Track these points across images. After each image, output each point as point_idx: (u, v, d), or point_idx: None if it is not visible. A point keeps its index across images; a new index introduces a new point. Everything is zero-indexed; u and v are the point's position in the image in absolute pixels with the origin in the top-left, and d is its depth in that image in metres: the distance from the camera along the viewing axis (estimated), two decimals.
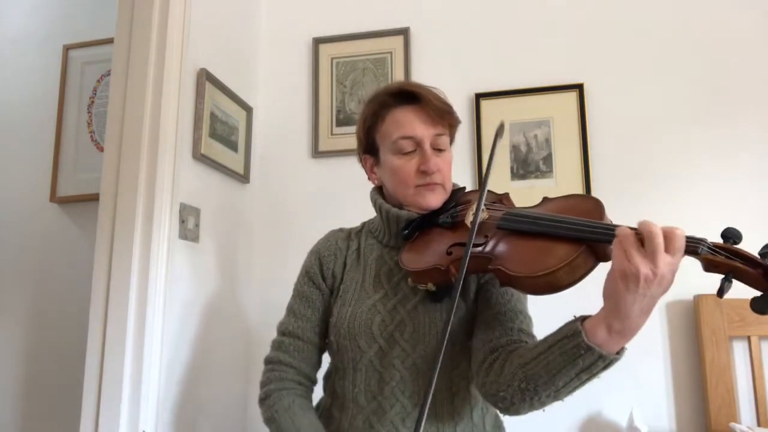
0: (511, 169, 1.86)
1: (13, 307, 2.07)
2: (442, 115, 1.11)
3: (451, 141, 1.19)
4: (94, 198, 1.69)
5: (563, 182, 1.82)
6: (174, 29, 1.54)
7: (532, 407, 0.92)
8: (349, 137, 1.97)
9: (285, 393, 1.15)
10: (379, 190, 1.22)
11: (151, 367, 1.40)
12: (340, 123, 2.00)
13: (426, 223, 1.12)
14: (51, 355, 1.99)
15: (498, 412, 1.14)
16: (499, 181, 1.85)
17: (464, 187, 1.21)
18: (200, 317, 1.62)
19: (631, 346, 1.39)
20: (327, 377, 1.25)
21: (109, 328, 1.40)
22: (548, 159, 1.84)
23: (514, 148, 1.87)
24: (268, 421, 1.14)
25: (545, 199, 1.05)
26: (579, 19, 1.91)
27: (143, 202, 1.45)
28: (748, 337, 1.60)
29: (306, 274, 1.23)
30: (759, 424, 1.56)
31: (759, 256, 0.79)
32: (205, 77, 1.65)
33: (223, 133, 1.78)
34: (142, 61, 1.51)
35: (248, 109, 1.95)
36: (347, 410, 1.13)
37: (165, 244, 1.46)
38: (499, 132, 1.02)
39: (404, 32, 2.00)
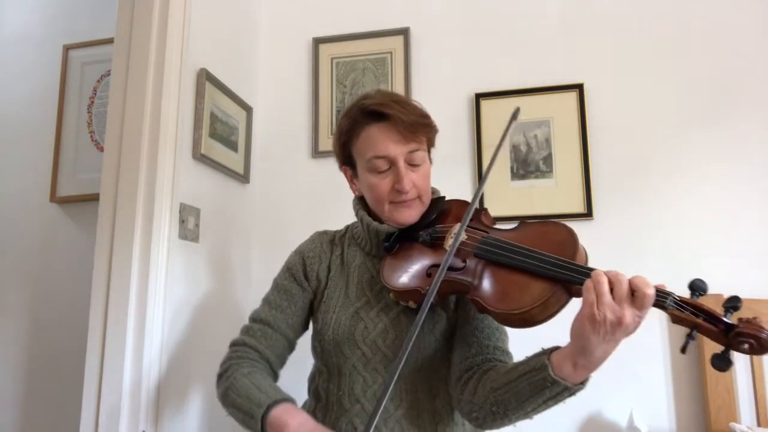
0: (511, 169, 1.86)
1: (13, 307, 2.07)
2: (414, 130, 1.10)
3: (430, 149, 1.20)
4: (94, 198, 1.70)
5: (563, 182, 1.82)
6: (174, 29, 1.54)
7: (503, 425, 0.98)
8: None
9: (245, 363, 1.15)
10: (362, 200, 1.23)
11: (151, 367, 1.40)
12: None
13: (406, 237, 1.14)
14: (51, 355, 2.00)
15: None
16: (499, 181, 1.85)
17: (444, 197, 1.22)
18: (200, 317, 1.62)
19: (632, 347, 1.40)
20: (311, 380, 1.26)
21: (109, 328, 1.40)
22: (548, 159, 1.84)
23: (514, 148, 1.87)
24: (225, 393, 1.11)
25: (522, 223, 1.06)
26: (579, 19, 1.91)
27: (143, 202, 1.45)
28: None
29: (288, 270, 1.24)
30: (759, 424, 1.56)
31: (722, 311, 0.83)
32: (205, 77, 1.65)
33: (223, 133, 1.78)
34: (142, 61, 1.51)
35: (248, 109, 1.95)
36: (331, 412, 1.15)
37: (165, 244, 1.46)
38: (515, 115, 1.05)
39: (404, 32, 2.00)
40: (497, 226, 1.10)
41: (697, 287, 0.86)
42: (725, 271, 1.68)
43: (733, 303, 0.83)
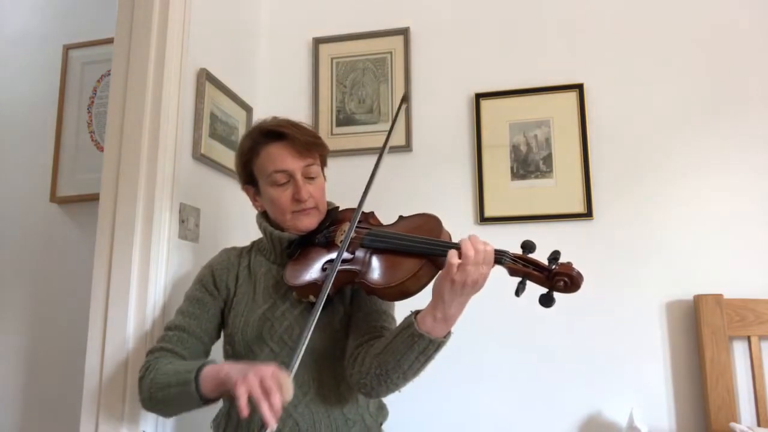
0: (511, 169, 1.86)
1: (13, 307, 2.07)
2: (308, 148, 1.26)
3: (323, 166, 1.35)
4: (94, 198, 1.69)
5: (563, 182, 1.82)
6: (174, 29, 1.54)
7: (388, 390, 1.10)
8: (349, 137, 1.98)
9: (163, 359, 1.19)
10: (264, 215, 1.35)
11: None
12: (340, 123, 2.00)
13: (305, 242, 1.27)
14: (51, 356, 1.99)
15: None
16: (499, 181, 1.85)
17: (338, 207, 1.36)
18: None
19: (631, 346, 1.41)
20: None
21: (109, 328, 1.40)
22: (548, 159, 1.84)
23: (514, 148, 1.87)
24: (150, 385, 1.15)
25: (400, 218, 1.25)
26: (579, 19, 1.91)
27: (143, 202, 1.45)
28: (748, 337, 1.60)
29: (199, 282, 1.33)
30: (759, 424, 1.56)
31: (547, 263, 1.00)
32: (205, 77, 1.65)
33: (223, 133, 1.78)
34: (142, 61, 1.51)
35: (248, 109, 1.95)
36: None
37: (165, 244, 1.46)
38: (404, 100, 1.19)
39: (404, 32, 2.00)
40: (382, 224, 1.26)
41: (528, 246, 1.02)
42: (725, 271, 1.68)
43: (554, 255, 1.00)
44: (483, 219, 1.84)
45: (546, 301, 0.99)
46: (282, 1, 2.15)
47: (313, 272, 1.19)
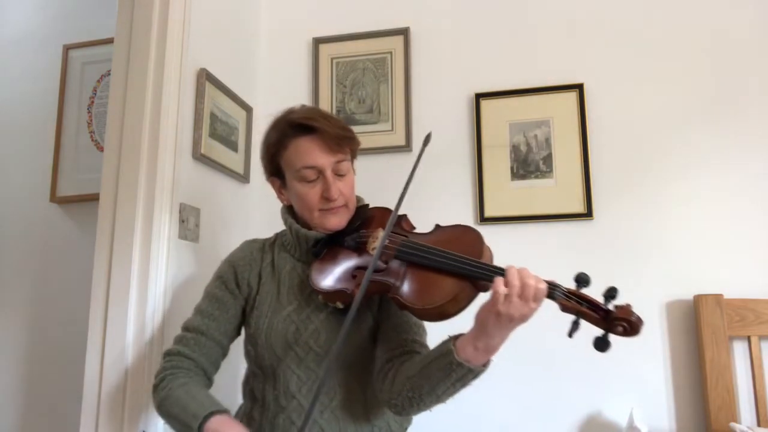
0: (511, 169, 1.86)
1: (13, 307, 2.07)
2: (339, 142, 1.18)
3: (353, 160, 1.27)
4: (94, 198, 1.69)
5: (563, 182, 1.82)
6: (174, 29, 1.54)
7: (419, 410, 1.07)
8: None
9: (180, 373, 1.17)
10: (290, 209, 1.29)
11: (151, 367, 1.40)
12: None
13: (333, 242, 1.22)
14: (51, 355, 1.99)
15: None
16: (499, 181, 1.85)
17: (368, 204, 1.29)
18: None
19: (631, 347, 1.40)
20: (245, 383, 1.30)
21: (109, 328, 1.40)
22: (548, 159, 1.84)
23: (514, 148, 1.87)
24: (161, 403, 1.14)
25: (437, 227, 1.18)
26: (579, 19, 1.91)
27: (143, 202, 1.45)
28: (748, 337, 1.60)
29: (219, 279, 1.28)
30: (759, 424, 1.56)
31: (603, 300, 0.93)
32: (205, 77, 1.65)
33: (223, 133, 1.78)
34: (142, 61, 1.51)
35: (248, 109, 1.95)
36: (268, 411, 1.20)
37: (165, 244, 1.46)
38: (426, 141, 1.12)
39: (404, 32, 2.00)
40: (416, 230, 1.20)
41: (582, 280, 0.95)
42: (725, 271, 1.68)
43: (611, 293, 0.93)
44: (483, 219, 1.84)
45: (602, 345, 0.92)
46: (282, 1, 2.15)
47: (342, 279, 1.13)
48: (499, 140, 1.88)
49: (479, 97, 1.91)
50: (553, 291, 0.94)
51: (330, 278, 1.14)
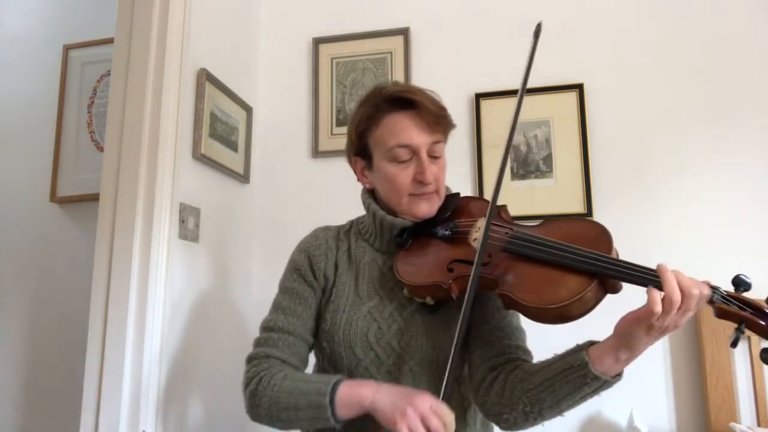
0: (511, 169, 1.86)
1: (13, 307, 2.07)
2: (438, 121, 1.09)
3: (445, 143, 1.17)
4: (94, 198, 1.69)
5: (563, 182, 1.82)
6: (174, 29, 1.54)
7: (534, 425, 0.97)
8: None
9: (276, 371, 1.08)
10: (371, 193, 1.18)
11: (151, 367, 1.40)
12: (340, 123, 2.00)
13: (419, 232, 1.11)
14: (51, 355, 1.99)
15: None
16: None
17: (458, 193, 1.18)
18: (200, 317, 1.62)
19: None
20: None
21: (109, 328, 1.40)
22: (548, 159, 1.84)
23: (514, 148, 1.87)
24: (272, 403, 1.03)
25: (547, 221, 1.04)
26: (579, 19, 1.91)
27: (143, 202, 1.45)
28: (749, 337, 1.60)
29: (296, 271, 1.17)
30: (759, 424, 1.56)
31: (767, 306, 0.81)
32: (205, 77, 1.65)
33: (223, 133, 1.78)
34: (142, 61, 1.51)
35: (248, 109, 1.95)
36: None
37: (165, 244, 1.46)
38: (537, 32, 1.03)
39: (404, 32, 2.00)
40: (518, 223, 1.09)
41: (742, 282, 0.84)
42: (725, 271, 1.67)
43: (742, 286, 0.83)
44: None
45: None
46: (282, 1, 2.15)
47: (435, 271, 1.01)
48: (499, 140, 1.88)
49: (479, 97, 1.91)
50: (712, 294, 0.84)
51: (421, 271, 1.03)
